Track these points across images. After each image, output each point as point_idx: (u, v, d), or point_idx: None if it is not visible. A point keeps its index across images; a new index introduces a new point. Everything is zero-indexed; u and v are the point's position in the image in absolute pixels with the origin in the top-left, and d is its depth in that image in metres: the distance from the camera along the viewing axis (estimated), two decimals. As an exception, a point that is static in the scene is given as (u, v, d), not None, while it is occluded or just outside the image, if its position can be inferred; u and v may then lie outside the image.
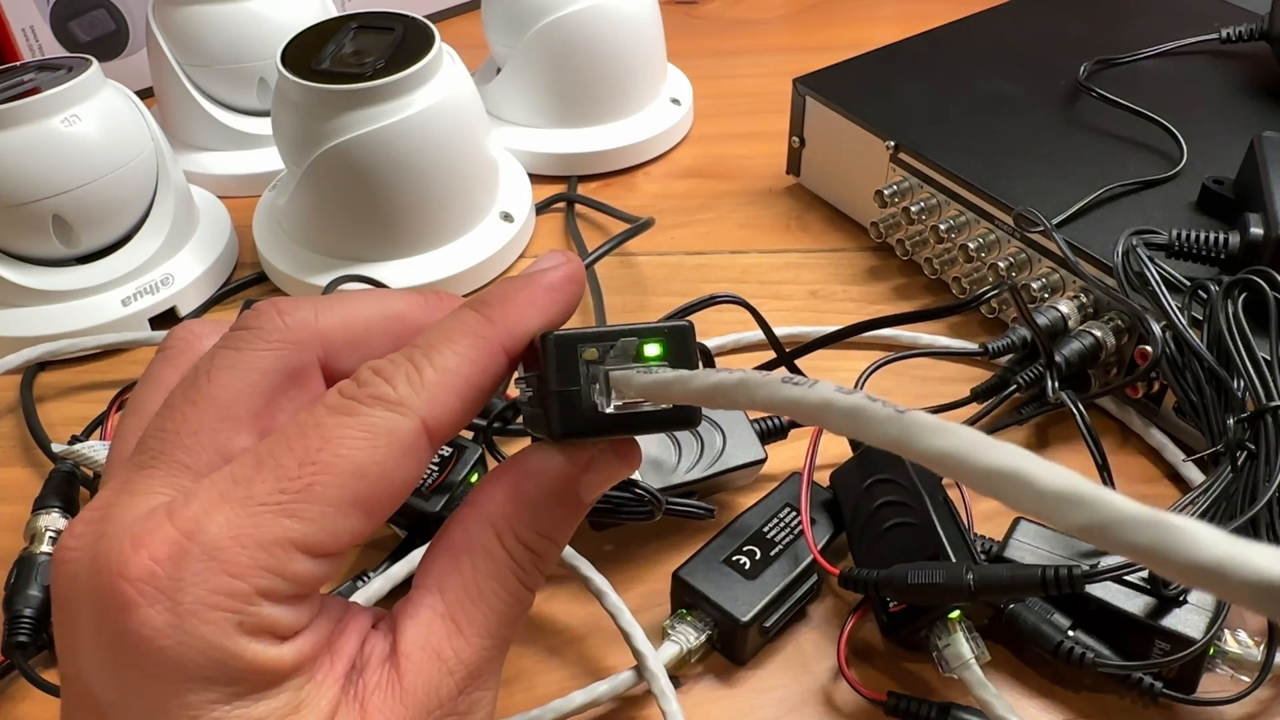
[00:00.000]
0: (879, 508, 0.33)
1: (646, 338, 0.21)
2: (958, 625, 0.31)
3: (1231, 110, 0.48)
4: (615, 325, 0.21)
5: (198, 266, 0.48)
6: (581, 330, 0.21)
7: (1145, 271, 0.36)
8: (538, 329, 0.21)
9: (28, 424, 0.42)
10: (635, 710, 0.32)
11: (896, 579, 0.30)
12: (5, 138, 0.42)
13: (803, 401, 0.15)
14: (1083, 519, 0.09)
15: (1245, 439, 0.32)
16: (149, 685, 0.18)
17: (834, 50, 0.54)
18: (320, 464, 0.19)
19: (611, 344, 0.21)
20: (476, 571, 0.22)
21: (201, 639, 0.18)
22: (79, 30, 0.59)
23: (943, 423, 0.12)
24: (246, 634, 0.18)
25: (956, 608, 0.31)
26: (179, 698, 0.18)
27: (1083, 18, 0.55)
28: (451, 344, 0.21)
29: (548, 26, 0.53)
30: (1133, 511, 0.09)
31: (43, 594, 0.34)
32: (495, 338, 0.21)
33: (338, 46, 0.46)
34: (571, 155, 0.56)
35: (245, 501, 0.18)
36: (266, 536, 0.18)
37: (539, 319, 0.22)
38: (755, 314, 0.35)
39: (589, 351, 0.21)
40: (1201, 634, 0.30)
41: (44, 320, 0.45)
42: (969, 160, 0.45)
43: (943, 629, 0.31)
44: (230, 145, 0.56)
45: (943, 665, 0.31)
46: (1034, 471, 0.10)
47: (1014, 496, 0.10)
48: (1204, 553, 0.08)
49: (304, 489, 0.19)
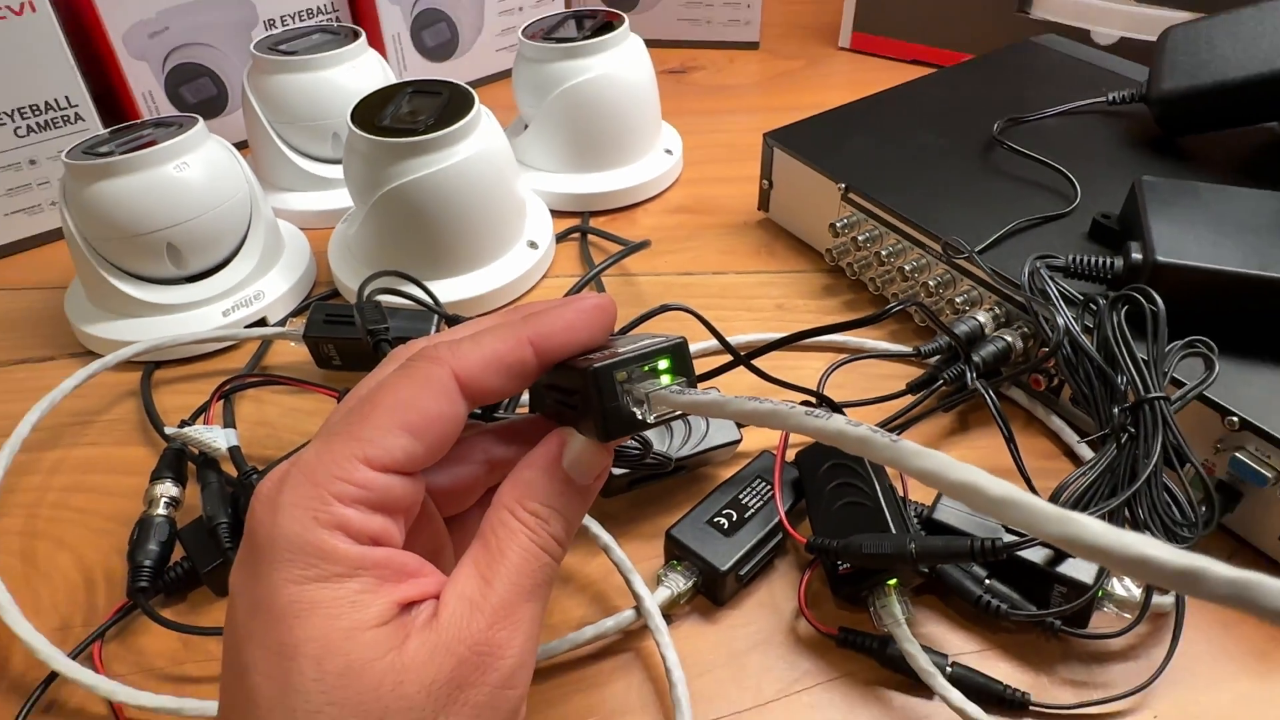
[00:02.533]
0: (835, 486, 0.33)
1: (658, 357, 0.23)
2: (892, 590, 0.31)
3: (1116, 159, 0.48)
4: (630, 349, 0.23)
5: (283, 284, 0.48)
6: (613, 361, 0.22)
7: (1047, 288, 0.36)
8: (565, 340, 0.23)
9: (146, 412, 0.42)
10: (635, 642, 0.33)
11: (853, 547, 0.30)
12: (129, 180, 0.43)
13: (823, 430, 0.16)
14: (1017, 517, 0.12)
15: (1127, 424, 0.32)
16: (257, 564, 0.20)
17: (796, 111, 0.55)
18: (375, 401, 0.21)
19: (636, 367, 0.22)
20: (497, 538, 0.23)
21: (289, 529, 0.20)
22: (188, 94, 0.59)
23: (924, 449, 0.14)
24: (322, 526, 0.20)
25: (895, 575, 0.31)
26: (276, 572, 0.20)
27: (997, 84, 0.56)
28: (488, 329, 0.23)
29: (565, 91, 0.53)
30: (1050, 512, 0.11)
31: (159, 548, 0.34)
32: (524, 332, 0.22)
33: (396, 107, 0.46)
34: (584, 195, 0.56)
35: (328, 433, 0.21)
36: (337, 453, 0.20)
37: (566, 330, 0.23)
38: (703, 320, 0.35)
39: (620, 374, 0.22)
40: (1093, 580, 0.30)
41: (159, 328, 0.45)
42: (905, 199, 0.45)
43: (880, 592, 0.31)
44: (309, 187, 0.56)
45: (877, 620, 0.31)
46: (986, 483, 0.12)
47: (972, 500, 0.12)
48: (1097, 539, 0.10)
49: (363, 417, 0.21)
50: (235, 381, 0.42)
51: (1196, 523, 0.31)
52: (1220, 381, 0.33)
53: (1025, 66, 0.57)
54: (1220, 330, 0.35)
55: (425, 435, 0.21)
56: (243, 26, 0.59)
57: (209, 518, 0.34)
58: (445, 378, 0.22)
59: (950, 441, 0.40)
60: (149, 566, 0.33)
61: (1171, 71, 0.48)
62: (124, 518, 0.36)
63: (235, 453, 0.37)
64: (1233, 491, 0.34)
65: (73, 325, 0.46)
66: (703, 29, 0.74)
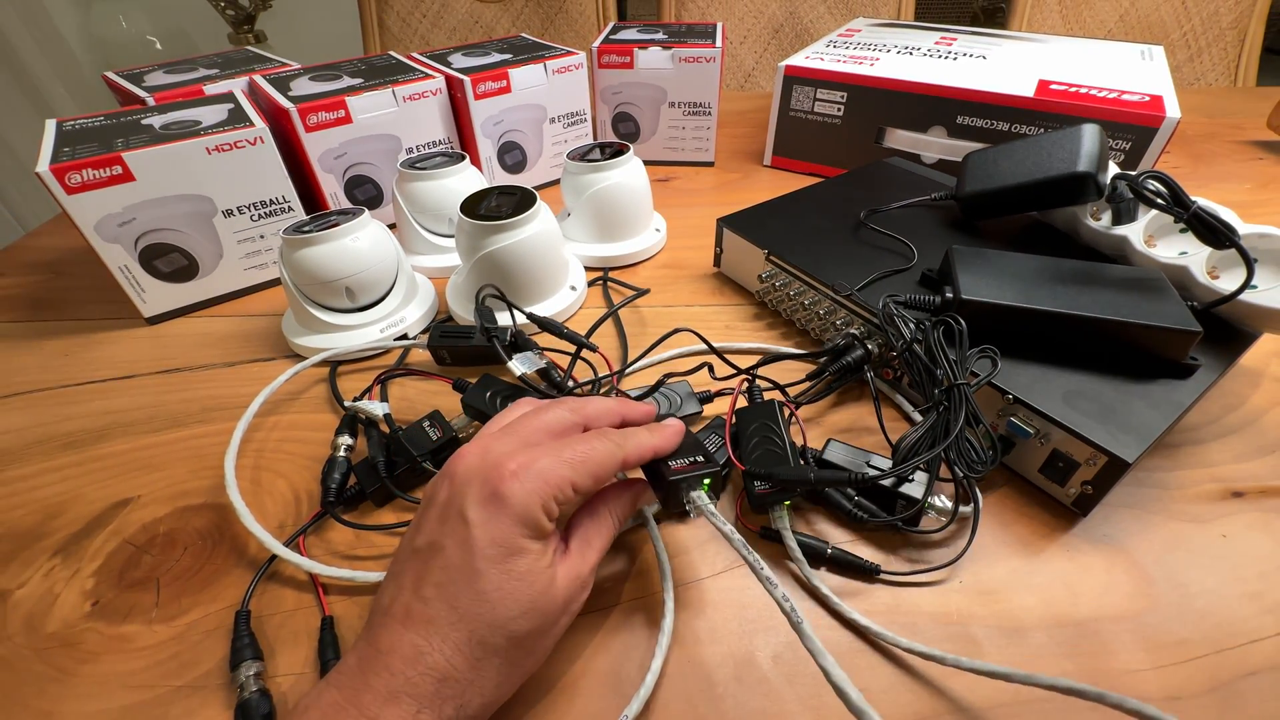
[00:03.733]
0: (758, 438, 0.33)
1: (705, 481, 0.27)
2: (785, 508, 0.31)
3: (938, 235, 0.48)
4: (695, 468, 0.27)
5: (417, 312, 0.48)
6: (685, 475, 0.26)
7: (893, 315, 0.37)
8: (652, 454, 0.26)
9: (332, 392, 0.42)
10: (638, 535, 0.32)
11: (775, 475, 0.30)
12: (322, 248, 0.43)
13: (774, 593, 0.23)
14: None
15: (943, 400, 0.32)
16: (502, 515, 0.22)
17: (737, 204, 0.55)
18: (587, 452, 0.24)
19: (694, 484, 0.26)
20: (596, 522, 0.26)
21: (526, 504, 0.22)
22: (358, 194, 0.59)
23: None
24: (542, 511, 0.22)
25: (789, 497, 0.31)
26: (512, 527, 0.22)
27: (862, 188, 0.56)
28: (633, 434, 0.26)
29: (594, 193, 0.53)
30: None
31: (340, 477, 0.34)
32: (653, 441, 0.26)
33: (488, 202, 0.46)
34: (606, 257, 0.56)
35: (558, 459, 0.23)
36: (563, 474, 0.23)
37: (666, 446, 0.27)
38: (701, 338, 0.35)
39: (684, 485, 0.26)
40: (921, 496, 0.30)
41: (340, 340, 0.45)
42: (805, 259, 0.45)
43: (779, 509, 0.31)
44: (434, 252, 0.56)
45: (774, 523, 0.31)
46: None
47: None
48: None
49: (581, 461, 0.23)
50: (387, 373, 0.42)
51: (987, 462, 0.31)
52: (1001, 373, 0.33)
53: (880, 177, 0.57)
54: (1002, 341, 0.35)
55: (598, 482, 0.24)
56: (393, 152, 0.59)
57: (371, 458, 0.34)
58: (620, 458, 0.25)
59: (834, 410, 0.39)
60: (334, 488, 0.34)
61: (970, 180, 0.49)
62: (318, 457, 0.37)
63: (388, 418, 0.37)
64: (1009, 442, 0.34)
65: (286, 338, 0.46)
66: (679, 153, 0.74)
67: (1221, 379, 0.35)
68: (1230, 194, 0.64)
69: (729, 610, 0.29)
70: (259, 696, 0.26)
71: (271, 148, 0.49)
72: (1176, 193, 0.36)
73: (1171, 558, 0.31)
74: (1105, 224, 0.43)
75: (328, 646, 0.27)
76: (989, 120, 0.59)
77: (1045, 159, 0.45)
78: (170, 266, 0.49)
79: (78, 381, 0.44)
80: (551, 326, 0.40)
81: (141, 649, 0.28)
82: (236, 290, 0.52)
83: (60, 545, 0.33)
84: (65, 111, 1.44)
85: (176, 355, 0.46)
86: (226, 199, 0.49)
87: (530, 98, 0.65)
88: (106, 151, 0.44)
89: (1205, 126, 0.81)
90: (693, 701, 0.26)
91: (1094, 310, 0.34)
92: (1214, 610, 0.28)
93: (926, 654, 0.26)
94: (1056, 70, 0.63)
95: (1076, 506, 0.32)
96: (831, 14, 1.12)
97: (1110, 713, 0.22)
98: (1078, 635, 0.28)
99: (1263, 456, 0.35)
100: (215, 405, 0.41)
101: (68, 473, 0.37)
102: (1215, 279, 0.38)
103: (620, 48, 0.68)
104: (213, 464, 0.37)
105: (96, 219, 0.44)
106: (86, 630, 0.29)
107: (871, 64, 0.66)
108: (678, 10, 1.13)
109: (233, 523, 0.33)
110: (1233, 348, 0.36)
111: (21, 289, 0.55)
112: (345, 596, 0.30)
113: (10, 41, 1.36)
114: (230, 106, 0.52)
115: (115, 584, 0.31)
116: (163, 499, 0.35)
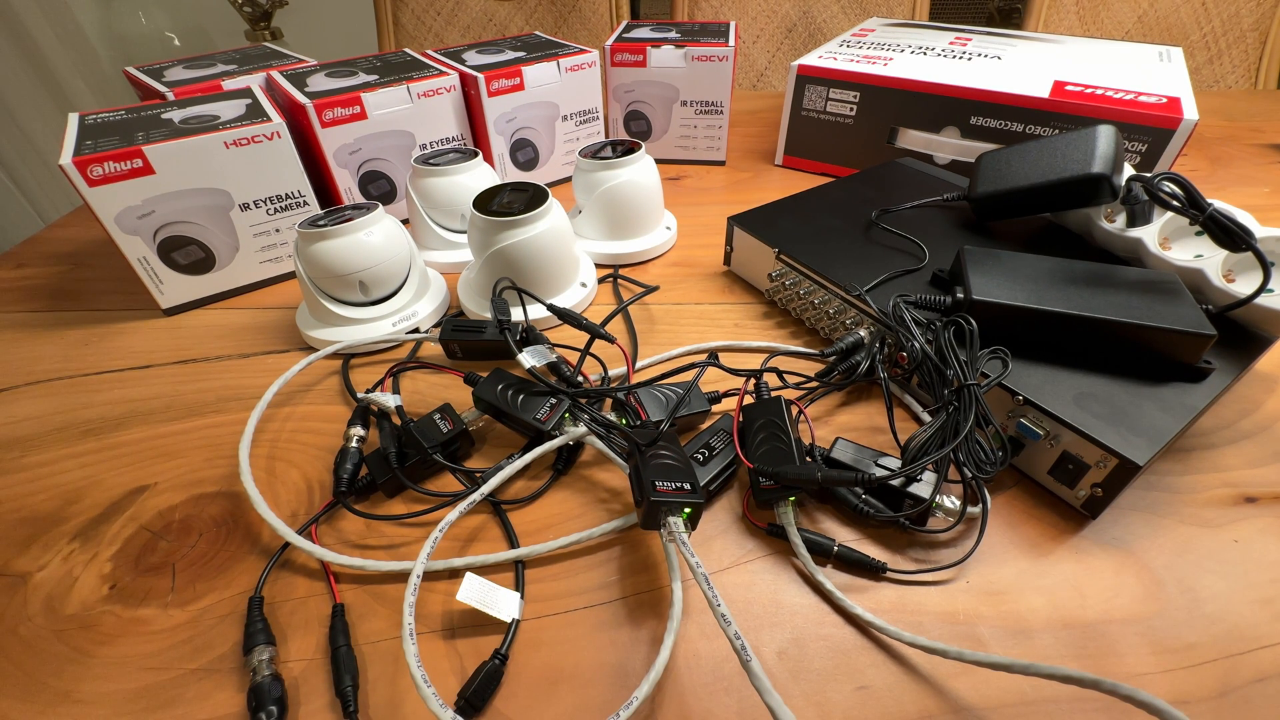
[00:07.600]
0: (764, 435, 0.33)
1: (685, 509, 0.27)
2: (790, 504, 0.31)
3: (950, 235, 0.48)
4: (679, 494, 0.27)
5: (429, 307, 0.48)
6: (666, 499, 0.26)
7: (904, 316, 0.36)
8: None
9: (344, 383, 0.42)
10: (638, 532, 0.32)
11: (780, 472, 0.30)
12: (336, 242, 0.43)
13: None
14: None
15: (953, 400, 0.32)
16: None
17: (747, 203, 0.55)
18: None
19: (676, 506, 0.27)
20: None
21: None
22: (372, 189, 0.60)
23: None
24: None
25: (795, 494, 0.31)
26: None
27: (874, 188, 0.55)
28: None
29: (605, 190, 0.53)
30: None
31: (352, 467, 0.35)
32: None
33: (500, 198, 0.47)
34: (616, 254, 0.56)
35: None
36: None
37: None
38: (718, 363, 0.35)
39: (664, 507, 0.26)
40: (929, 496, 0.30)
41: (353, 333, 0.45)
42: (815, 258, 0.45)
43: (784, 506, 0.31)
44: (446, 248, 0.56)
45: (780, 519, 0.31)
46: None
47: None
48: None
49: None
50: (399, 366, 0.43)
51: (996, 463, 0.31)
52: (1012, 375, 0.33)
53: (892, 177, 0.57)
54: (1013, 342, 0.35)
55: None
56: (406, 149, 0.59)
57: (383, 449, 0.35)
58: None
59: (843, 409, 0.39)
60: (346, 478, 0.34)
61: (983, 181, 0.48)
62: (330, 448, 0.37)
63: (400, 410, 0.37)
64: (1018, 444, 0.34)
65: (300, 330, 0.47)
66: (690, 152, 0.74)
67: (1235, 383, 0.35)
68: (1248, 198, 0.64)
69: (734, 606, 0.29)
70: (271, 680, 0.26)
71: (288, 143, 0.49)
72: (1192, 195, 0.36)
73: (1182, 562, 0.30)
74: (1119, 226, 0.43)
75: (338, 633, 0.28)
76: (1003, 121, 0.59)
77: (1059, 160, 0.45)
78: (188, 259, 0.49)
79: (97, 370, 0.45)
80: (570, 317, 0.40)
81: (157, 632, 0.29)
82: (252, 283, 0.53)
83: (79, 530, 0.33)
84: (85, 106, 1.46)
85: (193, 346, 0.47)
86: (243, 193, 0.49)
87: (543, 95, 0.65)
88: (127, 145, 0.44)
89: (1224, 129, 0.80)
90: (697, 694, 0.26)
91: (1106, 312, 0.34)
92: (1224, 615, 0.28)
93: (930, 648, 0.26)
94: (1072, 71, 0.63)
95: (1086, 509, 0.32)
96: (845, 14, 1.12)
97: (1118, 715, 0.22)
98: (1085, 637, 0.28)
99: (1277, 462, 0.35)
100: (230, 395, 0.42)
101: (86, 459, 0.37)
102: (1231, 282, 0.37)
103: (633, 46, 0.68)
104: (227, 453, 0.37)
105: (117, 211, 0.45)
106: (104, 613, 0.30)
107: (885, 64, 0.65)
108: (691, 9, 1.13)
109: (247, 511, 0.34)
110: (1248, 352, 0.35)
111: (43, 279, 0.56)
112: (356, 585, 0.30)
113: (33, 36, 1.38)
114: (248, 102, 0.53)
115: (132, 568, 0.31)
116: (179, 486, 0.35)
